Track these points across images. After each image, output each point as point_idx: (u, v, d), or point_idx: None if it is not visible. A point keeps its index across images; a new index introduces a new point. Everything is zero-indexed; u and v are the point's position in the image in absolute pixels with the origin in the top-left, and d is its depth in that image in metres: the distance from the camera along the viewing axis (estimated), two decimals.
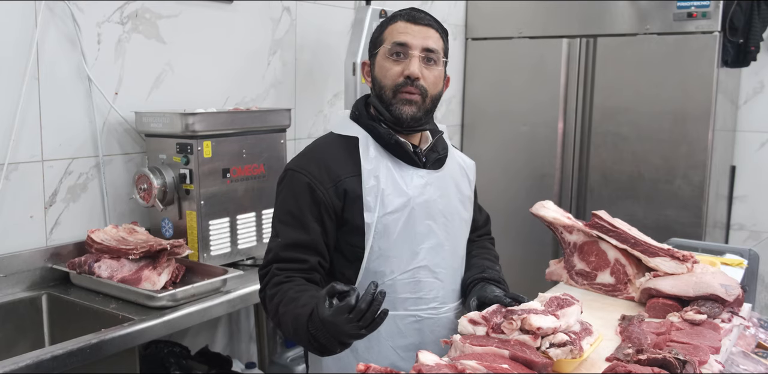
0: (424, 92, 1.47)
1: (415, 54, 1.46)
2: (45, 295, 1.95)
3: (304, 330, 1.27)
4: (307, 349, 1.40)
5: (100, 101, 2.12)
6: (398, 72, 1.47)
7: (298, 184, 1.47)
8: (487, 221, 1.82)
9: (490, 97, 3.72)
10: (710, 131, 3.13)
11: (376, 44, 1.53)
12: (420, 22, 1.49)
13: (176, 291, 1.83)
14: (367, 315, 1.19)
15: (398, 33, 1.48)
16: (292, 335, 1.34)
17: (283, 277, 1.42)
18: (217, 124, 2.13)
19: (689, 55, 3.14)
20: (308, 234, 1.45)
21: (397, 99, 1.47)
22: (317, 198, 1.45)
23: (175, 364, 2.22)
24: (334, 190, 1.46)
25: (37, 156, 1.98)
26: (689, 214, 3.20)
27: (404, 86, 1.46)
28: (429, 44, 1.48)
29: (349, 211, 1.46)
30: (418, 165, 1.52)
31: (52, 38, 1.99)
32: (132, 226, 2.09)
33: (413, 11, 1.52)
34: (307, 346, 1.31)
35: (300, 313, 1.30)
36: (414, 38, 1.47)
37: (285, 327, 1.36)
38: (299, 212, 1.45)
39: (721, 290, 1.51)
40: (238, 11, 2.53)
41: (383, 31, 1.52)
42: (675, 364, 1.16)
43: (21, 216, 1.96)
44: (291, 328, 1.33)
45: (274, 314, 1.40)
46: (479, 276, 1.56)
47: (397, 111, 1.47)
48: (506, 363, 1.15)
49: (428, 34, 1.49)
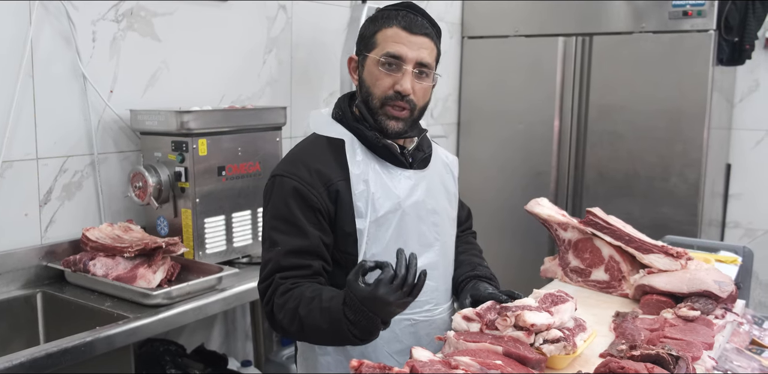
0: (413, 106, 1.45)
1: (408, 69, 1.41)
2: (40, 293, 1.95)
3: (342, 320, 1.23)
4: (346, 342, 1.30)
5: (95, 98, 2.12)
6: (389, 85, 1.43)
7: (288, 190, 1.41)
8: (468, 216, 1.80)
9: (487, 95, 3.72)
10: (705, 129, 3.14)
11: (367, 45, 1.47)
12: (416, 31, 1.43)
13: (171, 288, 1.83)
14: (409, 280, 1.19)
15: (393, 42, 1.42)
16: (325, 331, 1.28)
17: (289, 284, 1.36)
18: (213, 122, 2.13)
19: (684, 53, 3.14)
20: (308, 239, 1.39)
21: (384, 111, 1.44)
22: (311, 204, 1.40)
23: (171, 362, 2.22)
24: (326, 194, 1.42)
25: (31, 154, 1.98)
26: (685, 212, 3.20)
27: (393, 100, 1.43)
28: (423, 58, 1.43)
29: (341, 216, 1.43)
30: (404, 166, 1.50)
31: (46, 36, 1.99)
32: (127, 224, 2.09)
33: (410, 14, 1.45)
34: (345, 339, 1.26)
35: (330, 306, 1.26)
36: (409, 50, 1.41)
37: (312, 328, 1.29)
38: (294, 218, 1.40)
39: (715, 286, 1.51)
40: (233, 9, 2.52)
41: (376, 32, 1.45)
42: (668, 360, 1.17)
43: (16, 214, 1.96)
44: (323, 324, 1.27)
45: (292, 319, 1.32)
46: (471, 274, 1.55)
47: (383, 124, 1.45)
48: (500, 360, 1.15)
49: (423, 45, 1.43)
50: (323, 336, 1.31)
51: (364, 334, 1.26)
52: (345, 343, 1.33)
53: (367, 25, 1.50)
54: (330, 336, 1.30)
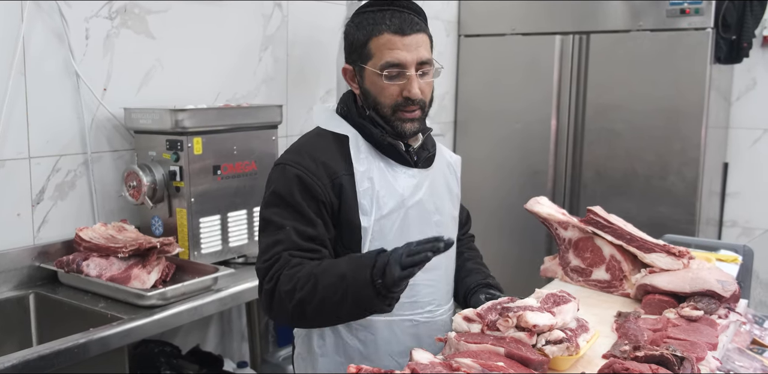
0: (423, 105, 1.44)
1: (412, 74, 1.39)
2: (32, 294, 1.93)
3: (367, 267, 1.21)
4: (366, 302, 1.24)
5: (89, 97, 2.09)
6: (396, 92, 1.40)
7: (293, 178, 1.39)
8: (468, 218, 1.79)
9: (483, 94, 3.71)
10: (703, 127, 3.13)
11: (361, 55, 1.42)
12: (408, 31, 1.38)
13: (166, 289, 1.81)
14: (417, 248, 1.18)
15: (388, 50, 1.38)
16: (343, 292, 1.23)
17: (299, 260, 1.32)
18: (208, 120, 2.10)
19: (682, 51, 3.13)
20: (314, 227, 1.37)
21: (397, 116, 1.43)
22: (315, 195, 1.38)
23: (166, 364, 2.21)
24: (331, 187, 1.40)
25: (24, 153, 1.95)
26: (682, 211, 3.20)
27: (404, 106, 1.41)
28: (422, 56, 1.40)
29: (345, 211, 1.41)
30: (409, 164, 1.49)
31: (38, 33, 1.96)
32: (121, 224, 2.07)
33: (395, 13, 1.40)
34: (366, 297, 1.21)
35: (354, 258, 1.26)
36: (408, 54, 1.38)
37: (329, 287, 1.24)
38: (300, 206, 1.37)
39: (718, 286, 1.50)
40: (228, 7, 2.50)
41: (367, 41, 1.40)
42: (673, 361, 1.15)
43: (8, 214, 1.93)
44: (345, 274, 1.23)
45: (305, 282, 1.27)
46: (484, 282, 1.55)
47: (400, 128, 1.43)
48: (501, 361, 1.13)
49: (419, 42, 1.40)
50: (340, 298, 1.24)
51: (387, 285, 1.19)
52: (364, 307, 1.25)
53: (353, 32, 1.44)
54: (349, 297, 1.23)
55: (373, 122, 1.45)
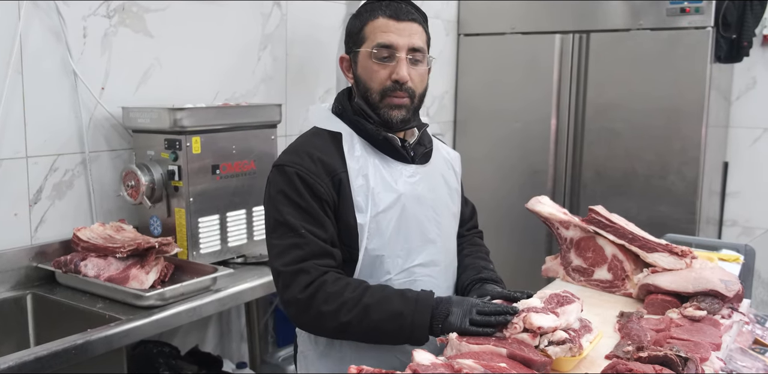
0: (412, 94, 1.45)
1: (402, 56, 1.41)
2: (30, 295, 1.91)
3: (426, 325, 1.29)
4: (406, 343, 1.34)
5: (86, 96, 2.08)
6: (385, 76, 1.42)
7: (295, 179, 1.39)
8: (473, 214, 1.78)
9: (483, 93, 3.70)
10: (703, 127, 3.12)
11: (356, 41, 1.46)
12: (403, 17, 1.42)
13: (165, 289, 1.79)
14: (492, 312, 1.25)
15: (381, 32, 1.42)
16: (397, 314, 1.30)
17: (335, 275, 1.35)
18: (207, 119, 2.09)
19: (682, 50, 3.12)
20: (325, 229, 1.38)
21: (385, 103, 1.44)
22: (318, 194, 1.39)
23: (165, 364, 2.19)
24: (331, 184, 1.40)
25: (21, 152, 1.94)
26: (682, 210, 3.19)
27: (392, 91, 1.42)
28: (415, 43, 1.43)
29: (342, 209, 1.42)
30: (406, 160, 1.48)
31: (36, 32, 1.95)
32: (119, 224, 2.06)
33: (393, 3, 1.44)
34: (414, 325, 1.29)
35: (414, 307, 1.30)
36: (399, 38, 1.41)
37: (383, 325, 1.31)
38: (308, 206, 1.38)
39: (721, 285, 1.49)
40: (227, 5, 2.49)
41: (363, 26, 1.45)
42: (677, 362, 1.14)
43: (5, 214, 1.92)
44: (400, 306, 1.30)
45: (352, 309, 1.31)
46: (477, 277, 1.53)
47: (386, 115, 1.44)
48: (504, 362, 1.12)
49: (412, 30, 1.43)
50: (394, 333, 1.31)
51: (445, 330, 1.26)
52: (411, 342, 1.32)
53: (352, 21, 1.50)
54: (404, 335, 1.31)
55: (364, 114, 1.46)
